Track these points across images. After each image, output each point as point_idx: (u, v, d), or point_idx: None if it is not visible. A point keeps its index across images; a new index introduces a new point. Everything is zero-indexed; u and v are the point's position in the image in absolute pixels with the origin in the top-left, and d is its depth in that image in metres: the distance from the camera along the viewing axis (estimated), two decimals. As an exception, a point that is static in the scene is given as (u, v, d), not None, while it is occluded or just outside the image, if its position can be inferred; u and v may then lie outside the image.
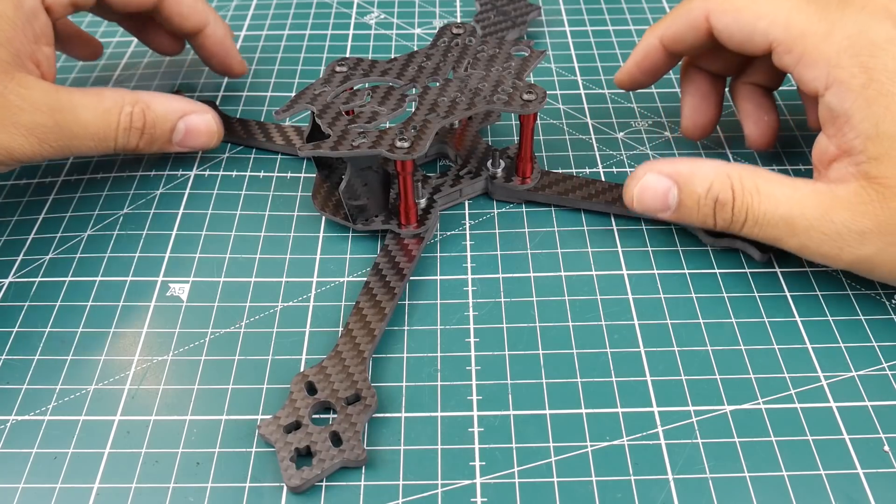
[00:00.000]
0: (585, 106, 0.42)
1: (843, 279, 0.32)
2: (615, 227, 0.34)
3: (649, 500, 0.25)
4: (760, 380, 0.28)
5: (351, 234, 0.34)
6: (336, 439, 0.26)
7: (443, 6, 0.51)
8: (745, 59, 0.35)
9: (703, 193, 0.30)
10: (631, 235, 0.34)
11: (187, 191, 0.37)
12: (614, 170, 0.38)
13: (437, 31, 0.37)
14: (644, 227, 0.34)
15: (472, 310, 0.31)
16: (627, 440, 0.27)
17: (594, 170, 0.38)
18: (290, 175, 0.38)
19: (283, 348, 0.30)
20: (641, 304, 0.31)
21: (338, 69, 0.35)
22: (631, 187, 0.32)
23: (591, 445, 0.27)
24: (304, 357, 0.30)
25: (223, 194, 0.36)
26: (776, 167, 0.37)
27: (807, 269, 0.32)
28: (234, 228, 0.35)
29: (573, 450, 0.27)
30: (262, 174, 0.38)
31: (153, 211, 0.36)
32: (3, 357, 0.30)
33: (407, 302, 0.32)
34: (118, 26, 0.45)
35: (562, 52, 0.46)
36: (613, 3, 0.50)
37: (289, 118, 0.39)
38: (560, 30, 0.48)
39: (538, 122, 0.40)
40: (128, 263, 0.33)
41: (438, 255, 0.34)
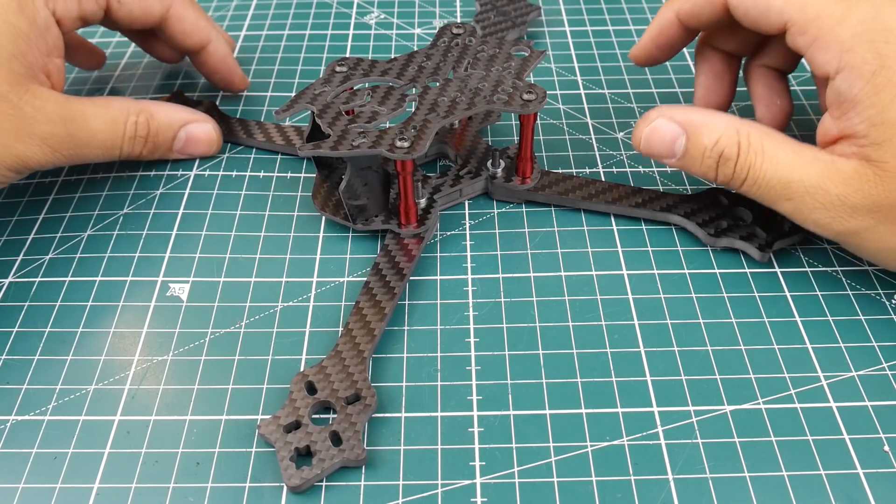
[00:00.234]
0: (585, 106, 0.42)
1: (843, 279, 0.32)
2: (615, 227, 0.34)
3: (649, 500, 0.25)
4: (760, 380, 0.28)
5: (351, 234, 0.34)
6: (336, 439, 0.26)
7: (443, 6, 0.51)
8: (761, 40, 0.35)
9: (710, 146, 0.30)
10: (631, 235, 0.34)
11: (187, 191, 0.37)
12: (614, 170, 0.38)
13: (437, 31, 0.37)
14: (644, 227, 0.34)
15: (472, 310, 0.31)
16: (627, 440, 0.27)
17: (594, 170, 0.37)
18: (290, 175, 0.38)
19: (283, 348, 0.30)
20: (641, 304, 0.31)
21: (338, 69, 0.35)
22: (641, 129, 0.32)
23: (591, 445, 0.27)
24: (304, 357, 0.30)
25: (223, 194, 0.36)
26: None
27: (807, 270, 0.32)
28: (234, 228, 0.35)
29: (573, 450, 0.27)
30: (262, 174, 0.38)
31: (153, 211, 0.36)
32: (3, 357, 0.30)
33: (407, 302, 0.32)
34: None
35: (562, 52, 0.46)
36: (613, 3, 0.50)
37: (289, 118, 0.39)
38: (560, 30, 0.48)
39: (538, 122, 0.40)
40: (128, 263, 0.33)
41: (438, 255, 0.34)
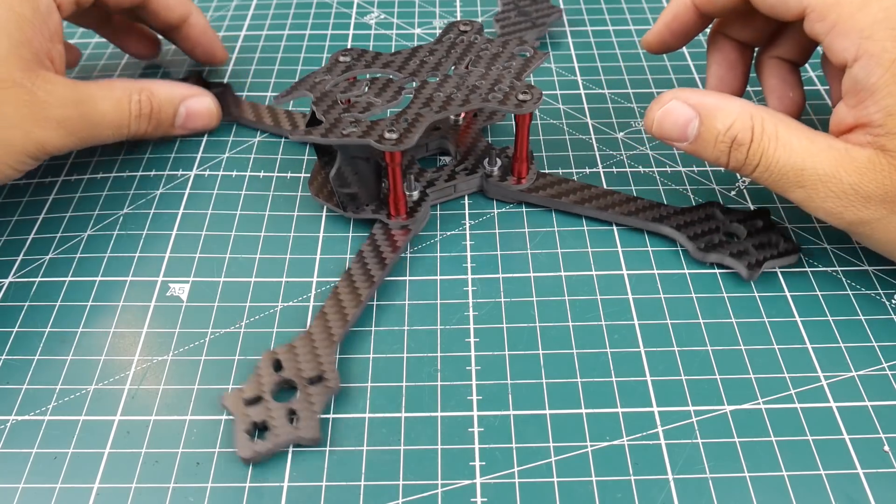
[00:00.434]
0: (585, 106, 0.42)
1: (843, 279, 0.32)
2: (615, 227, 0.34)
3: (649, 500, 0.25)
4: (760, 380, 0.28)
5: (351, 235, 0.34)
6: (293, 417, 0.27)
7: (443, 6, 0.51)
8: (775, 29, 0.35)
9: (723, 130, 0.30)
10: (631, 235, 0.34)
11: (187, 191, 0.37)
12: (614, 170, 0.37)
13: (445, 27, 0.37)
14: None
15: (472, 310, 0.31)
16: (627, 440, 0.27)
17: (594, 170, 0.37)
18: (290, 175, 0.38)
19: (283, 348, 0.30)
20: (641, 304, 0.31)
21: (341, 59, 0.35)
22: (654, 111, 0.31)
23: (591, 445, 0.27)
24: (304, 357, 0.30)
25: (223, 194, 0.36)
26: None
27: (807, 270, 0.32)
28: (234, 228, 0.35)
29: (573, 450, 0.27)
30: (262, 174, 0.38)
31: (153, 211, 0.36)
32: (3, 357, 0.30)
33: (407, 302, 0.32)
34: (94, 33, 0.45)
35: (562, 52, 0.46)
36: (613, 3, 0.50)
37: (290, 104, 0.39)
38: (560, 30, 0.48)
39: (538, 122, 0.40)
40: (128, 263, 0.33)
41: (438, 255, 0.34)
